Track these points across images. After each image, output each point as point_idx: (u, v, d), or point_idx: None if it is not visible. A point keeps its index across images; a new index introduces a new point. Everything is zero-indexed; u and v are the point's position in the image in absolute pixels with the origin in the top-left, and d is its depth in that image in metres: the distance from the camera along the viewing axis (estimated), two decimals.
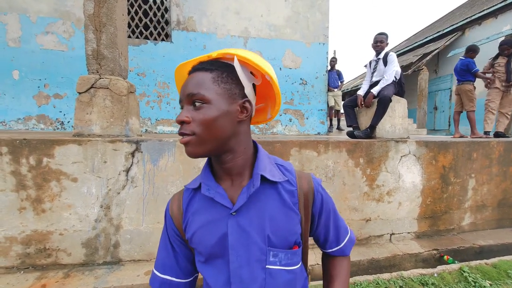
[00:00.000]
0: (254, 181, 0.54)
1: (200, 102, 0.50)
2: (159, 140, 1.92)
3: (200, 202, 0.58)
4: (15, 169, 1.71)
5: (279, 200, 0.57)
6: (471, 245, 2.36)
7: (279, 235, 0.55)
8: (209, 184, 0.56)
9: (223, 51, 0.54)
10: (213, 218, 0.55)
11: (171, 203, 0.63)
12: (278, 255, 0.55)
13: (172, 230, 0.61)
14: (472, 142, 2.64)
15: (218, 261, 0.55)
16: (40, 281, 1.67)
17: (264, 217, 0.55)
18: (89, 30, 1.96)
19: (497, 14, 7.32)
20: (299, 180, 0.61)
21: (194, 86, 0.51)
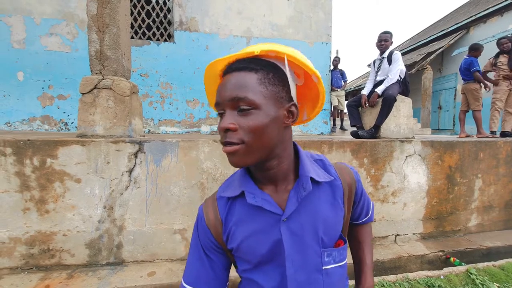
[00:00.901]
0: (304, 184, 0.52)
1: (247, 107, 0.45)
2: (162, 141, 1.91)
3: (242, 210, 0.55)
4: (19, 170, 1.72)
5: (327, 199, 0.56)
6: (478, 247, 2.32)
7: (329, 234, 0.55)
8: (253, 192, 0.53)
9: (267, 48, 0.48)
10: (262, 226, 0.53)
11: (206, 211, 0.59)
12: (332, 254, 0.55)
13: (208, 240, 0.58)
14: (479, 142, 2.60)
15: (268, 266, 0.54)
16: (43, 281, 1.68)
17: (315, 219, 0.54)
18: (92, 31, 1.96)
19: (502, 12, 7.23)
20: (340, 173, 0.60)
21: (239, 88, 0.45)
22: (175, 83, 4.50)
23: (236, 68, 0.47)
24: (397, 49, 12.11)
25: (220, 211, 0.57)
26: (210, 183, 1.99)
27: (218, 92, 0.48)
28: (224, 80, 0.48)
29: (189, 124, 4.61)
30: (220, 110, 0.49)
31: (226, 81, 0.47)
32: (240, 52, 0.48)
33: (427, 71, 8.21)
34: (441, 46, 8.39)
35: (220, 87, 0.48)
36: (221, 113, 0.48)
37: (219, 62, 0.50)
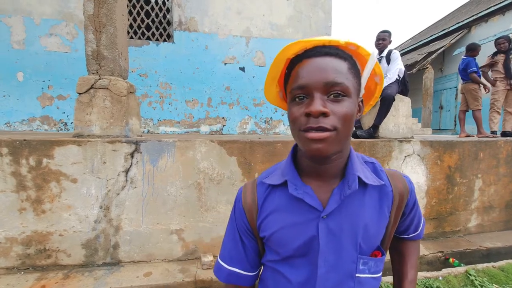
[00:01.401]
0: (350, 183, 0.50)
1: (341, 94, 0.44)
2: (158, 141, 1.91)
3: (281, 200, 0.54)
4: (15, 170, 1.72)
5: (372, 204, 0.53)
6: (478, 248, 2.30)
7: (368, 242, 0.52)
8: (296, 184, 0.52)
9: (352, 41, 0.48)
10: (300, 219, 0.52)
11: (245, 194, 0.59)
12: (368, 263, 0.52)
13: (243, 223, 0.58)
14: (479, 142, 2.58)
15: (297, 262, 0.53)
16: (40, 282, 1.67)
17: (356, 222, 0.51)
18: (88, 31, 1.96)
19: (504, 11, 7.18)
20: (392, 179, 0.57)
21: (334, 73, 0.44)
22: (175, 83, 4.50)
23: (327, 52, 0.46)
24: (398, 49, 12.09)
25: (259, 196, 0.57)
26: (207, 183, 1.98)
27: (306, 74, 0.45)
28: (311, 63, 0.45)
29: (188, 124, 4.61)
30: (301, 94, 0.46)
31: (316, 64, 0.45)
32: (320, 38, 0.47)
33: (428, 70, 8.17)
34: (442, 45, 8.35)
35: (308, 69, 0.45)
36: (301, 97, 0.46)
37: (295, 46, 0.47)
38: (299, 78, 0.46)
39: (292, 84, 0.47)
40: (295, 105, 0.47)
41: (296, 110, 0.46)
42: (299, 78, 0.46)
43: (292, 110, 0.47)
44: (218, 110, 4.72)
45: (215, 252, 2.00)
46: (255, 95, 4.82)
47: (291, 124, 0.49)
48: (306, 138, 0.45)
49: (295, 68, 0.48)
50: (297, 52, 0.48)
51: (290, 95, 0.48)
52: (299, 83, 0.46)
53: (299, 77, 0.46)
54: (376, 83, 0.56)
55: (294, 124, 0.47)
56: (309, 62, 0.46)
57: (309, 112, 0.43)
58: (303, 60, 0.47)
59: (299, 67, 0.47)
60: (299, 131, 0.46)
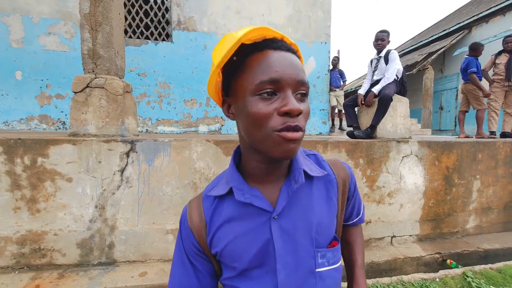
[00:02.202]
0: (296, 177, 0.49)
1: (305, 93, 0.44)
2: (154, 140, 1.90)
3: (229, 210, 0.51)
4: (9, 169, 1.71)
5: (321, 195, 0.53)
6: (476, 249, 2.29)
7: (323, 234, 0.51)
8: (242, 189, 0.49)
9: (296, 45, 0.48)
10: (251, 225, 0.49)
11: (190, 212, 0.54)
12: (326, 255, 0.51)
13: (192, 245, 0.53)
14: (477, 143, 2.57)
15: (255, 273, 0.49)
16: (34, 281, 1.67)
17: (308, 217, 0.50)
18: (85, 30, 1.95)
19: (505, 12, 7.16)
20: (335, 168, 0.57)
21: (302, 72, 0.43)
22: (173, 82, 4.49)
23: (289, 48, 0.44)
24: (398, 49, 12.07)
25: (205, 212, 0.53)
26: (203, 183, 1.97)
27: (279, 67, 0.41)
28: (280, 56, 0.42)
29: (187, 124, 4.60)
30: (272, 89, 0.41)
31: (285, 58, 0.42)
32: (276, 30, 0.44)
33: (429, 71, 8.15)
34: (443, 46, 8.33)
35: (279, 62, 0.41)
36: (271, 93, 0.41)
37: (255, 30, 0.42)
38: (269, 71, 0.41)
39: (257, 76, 0.41)
40: (262, 101, 0.41)
41: (264, 107, 0.41)
42: (268, 70, 0.41)
43: (258, 106, 0.41)
44: (216, 110, 4.71)
45: None
46: None
47: (254, 123, 0.42)
48: (281, 138, 0.41)
49: (254, 57, 0.43)
50: (256, 38, 0.43)
51: (254, 88, 0.42)
52: (271, 77, 0.40)
53: (268, 69, 0.41)
54: None
55: (261, 123, 0.41)
56: (278, 54, 0.42)
57: (289, 111, 0.40)
58: (266, 50, 0.42)
59: (264, 57, 0.42)
60: (272, 132, 0.41)
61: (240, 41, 0.41)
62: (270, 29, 0.43)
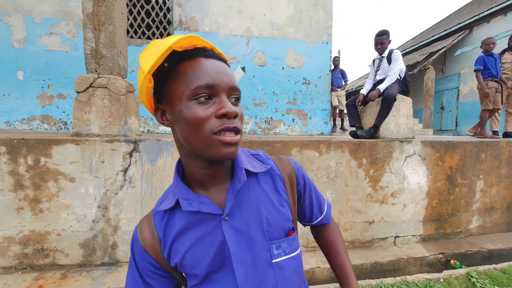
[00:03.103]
0: (238, 176, 0.50)
1: (238, 98, 0.47)
2: (157, 140, 1.90)
3: (181, 220, 0.51)
4: (13, 169, 1.71)
5: (268, 189, 0.55)
6: (479, 249, 2.28)
7: (275, 226, 0.52)
8: (189, 198, 0.49)
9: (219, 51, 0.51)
10: (204, 231, 0.49)
11: (141, 232, 0.54)
12: (281, 245, 0.52)
13: (147, 263, 0.53)
14: (480, 143, 2.56)
15: (217, 276, 0.50)
16: (37, 281, 1.66)
17: (258, 212, 0.51)
18: (87, 29, 1.95)
19: (506, 12, 7.14)
20: (279, 163, 0.60)
21: (234, 78, 0.46)
22: None
23: (219, 57, 0.47)
24: (399, 49, 12.05)
25: (157, 228, 0.53)
26: None
27: (213, 74, 0.43)
28: (213, 63, 0.45)
29: None
30: (208, 94, 0.43)
31: (219, 65, 0.45)
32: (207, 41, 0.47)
33: (430, 71, 8.14)
34: (444, 46, 8.32)
35: (213, 69, 0.44)
36: (207, 97, 0.43)
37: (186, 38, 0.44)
38: (203, 77, 0.43)
39: (193, 81, 0.43)
40: (199, 106, 0.43)
41: (201, 111, 0.42)
42: (203, 76, 0.43)
43: (196, 111, 0.42)
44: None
45: None
46: (255, 95, 4.81)
47: (192, 127, 0.43)
48: (220, 141, 0.42)
49: (187, 64, 0.44)
50: (187, 46, 0.44)
51: (190, 93, 0.43)
52: (207, 82, 0.42)
53: (202, 75, 0.43)
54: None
55: (199, 126, 0.42)
56: (210, 62, 0.45)
57: (226, 113, 0.42)
58: (198, 58, 0.44)
59: (197, 65, 0.44)
60: (211, 134, 0.42)
61: (171, 48, 0.42)
62: (200, 38, 0.46)
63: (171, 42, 0.42)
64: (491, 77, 3.61)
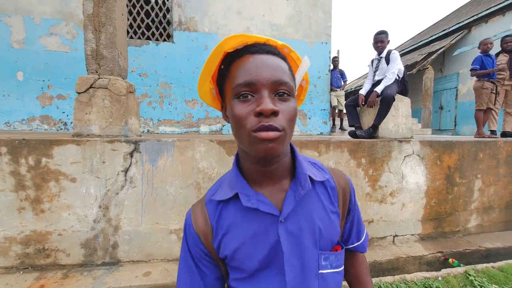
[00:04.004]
0: (302, 183, 0.50)
1: (287, 93, 0.44)
2: (157, 140, 1.91)
3: (236, 214, 0.52)
4: (14, 169, 1.71)
5: (323, 199, 0.54)
6: (478, 248, 2.30)
7: (326, 237, 0.53)
8: (248, 194, 0.50)
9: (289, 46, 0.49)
10: (259, 229, 0.50)
11: (195, 217, 0.55)
12: (329, 258, 0.52)
13: (198, 249, 0.54)
14: (478, 142, 2.58)
15: (264, 274, 0.51)
16: (38, 281, 1.67)
17: (313, 220, 0.51)
18: (88, 30, 1.96)
19: (504, 12, 7.18)
20: (335, 176, 0.58)
21: (281, 72, 0.44)
22: (174, 83, 4.50)
23: (269, 51, 0.45)
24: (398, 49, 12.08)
25: (210, 216, 0.53)
26: (206, 182, 1.98)
27: (252, 70, 0.43)
28: (256, 59, 0.44)
29: (188, 124, 4.61)
30: (247, 91, 0.43)
31: (262, 61, 0.44)
32: (260, 35, 0.47)
33: (428, 71, 8.17)
34: (443, 46, 8.35)
35: (254, 65, 0.43)
36: (246, 95, 0.43)
37: (235, 39, 0.45)
38: (244, 74, 0.43)
39: (235, 80, 0.44)
40: (240, 104, 0.44)
41: (242, 108, 0.43)
42: (244, 74, 0.43)
43: (236, 109, 0.44)
44: (217, 110, 4.71)
45: None
46: None
47: (235, 125, 0.45)
48: (256, 138, 0.42)
49: (235, 64, 0.45)
50: (237, 45, 0.46)
51: (233, 92, 0.44)
52: (246, 80, 0.43)
53: (244, 73, 0.43)
54: (302, 87, 0.57)
55: (240, 124, 0.43)
56: (254, 58, 0.44)
57: (261, 111, 0.41)
58: (244, 56, 0.45)
59: (242, 63, 0.44)
60: (250, 132, 0.42)
61: (223, 50, 0.45)
62: (250, 36, 0.46)
63: (224, 46, 0.45)
64: (487, 78, 3.65)
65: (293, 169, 0.54)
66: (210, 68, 0.48)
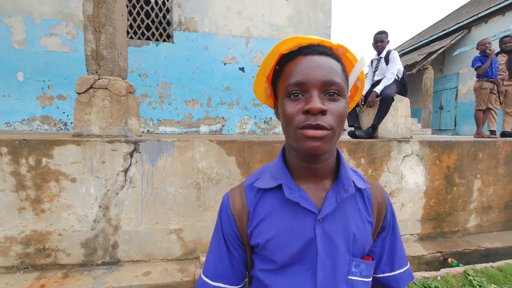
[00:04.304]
0: (346, 187, 0.51)
1: (338, 93, 0.45)
2: (157, 141, 1.91)
3: (275, 204, 0.53)
4: (14, 170, 1.72)
5: (360, 207, 0.54)
6: (477, 248, 2.30)
7: (359, 244, 0.53)
8: (291, 187, 0.51)
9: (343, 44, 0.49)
10: (296, 223, 0.51)
11: (233, 199, 0.56)
12: (360, 265, 0.52)
13: (232, 231, 0.55)
14: (478, 142, 2.58)
15: (295, 269, 0.51)
16: (39, 281, 1.68)
17: (348, 225, 0.52)
18: (88, 31, 1.96)
19: (504, 12, 7.18)
20: (372, 188, 0.58)
21: (332, 73, 0.45)
22: (174, 83, 4.50)
23: (323, 52, 0.46)
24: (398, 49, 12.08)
25: (248, 202, 0.55)
26: (206, 182, 1.98)
27: (303, 70, 0.45)
28: (308, 60, 0.46)
29: (188, 124, 4.62)
30: (298, 91, 0.45)
31: (314, 61, 0.45)
32: (314, 37, 0.48)
33: (428, 71, 8.17)
34: (443, 46, 8.35)
35: (305, 66, 0.45)
36: (297, 94, 0.45)
37: (290, 41, 0.47)
38: (296, 75, 0.45)
39: (287, 80, 0.47)
40: (290, 102, 0.46)
41: (292, 107, 0.46)
42: (296, 74, 0.45)
43: (287, 107, 0.46)
44: (217, 110, 4.72)
45: None
46: (254, 95, 4.82)
47: (284, 122, 0.48)
48: (303, 135, 0.44)
49: (289, 65, 0.48)
50: (292, 47, 0.48)
51: (284, 91, 0.47)
52: (297, 80, 0.45)
53: (296, 73, 0.45)
54: (357, 87, 0.57)
55: (289, 121, 0.46)
56: (306, 59, 0.46)
57: (309, 109, 0.43)
58: (298, 57, 0.47)
59: (295, 64, 0.46)
60: (296, 129, 0.45)
61: (278, 52, 0.48)
62: (305, 38, 0.47)
63: (279, 48, 0.48)
64: (486, 78, 3.66)
65: (336, 171, 0.54)
66: (266, 69, 0.52)
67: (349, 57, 0.52)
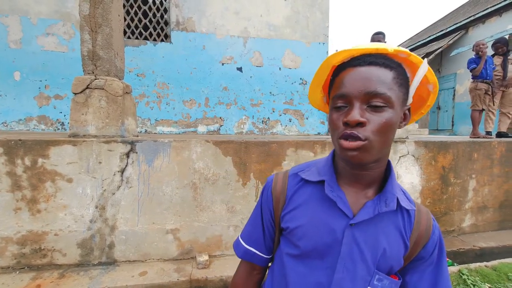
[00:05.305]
0: (388, 201, 0.51)
1: (382, 104, 0.45)
2: (154, 141, 1.92)
3: (312, 196, 0.55)
4: (10, 170, 1.72)
5: (397, 226, 0.53)
6: (472, 247, 2.32)
7: (387, 260, 0.52)
8: (332, 186, 0.53)
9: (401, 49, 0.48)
10: (328, 220, 0.52)
11: (275, 182, 0.61)
12: (383, 280, 0.51)
13: (268, 210, 0.60)
14: (473, 142, 2.60)
15: (315, 263, 0.53)
16: (35, 281, 1.68)
17: (380, 239, 0.51)
18: (84, 31, 1.96)
19: (501, 12, 7.22)
20: (418, 212, 0.55)
21: (377, 83, 0.45)
22: (172, 83, 4.50)
23: (371, 62, 0.46)
24: None
25: (289, 188, 0.58)
26: (202, 183, 1.99)
27: (347, 83, 0.47)
28: (354, 72, 0.47)
29: (185, 124, 4.62)
30: (342, 103, 0.48)
31: (359, 73, 0.46)
32: (368, 46, 0.48)
33: None
34: (440, 46, 8.39)
35: (350, 78, 0.47)
36: (340, 106, 0.48)
37: (342, 53, 0.49)
38: (340, 87, 0.48)
39: (334, 92, 0.50)
40: (335, 112, 0.49)
41: (336, 117, 0.49)
42: (340, 87, 0.48)
43: (332, 117, 0.50)
44: (215, 110, 4.73)
45: (210, 251, 2.01)
46: (252, 95, 4.83)
47: (330, 130, 0.51)
48: (341, 145, 0.47)
49: (339, 76, 0.50)
50: (344, 59, 0.50)
51: (332, 102, 0.50)
52: (340, 92, 0.47)
53: (341, 86, 0.48)
54: (429, 91, 0.55)
55: (333, 130, 0.50)
56: (353, 71, 0.47)
57: (347, 121, 0.45)
58: (347, 69, 0.48)
59: (342, 76, 0.48)
60: (337, 139, 0.48)
61: (331, 64, 0.51)
62: (358, 49, 0.48)
63: (331, 61, 0.51)
64: (481, 79, 3.68)
65: (382, 183, 0.54)
66: (319, 80, 0.56)
67: (413, 61, 0.50)
